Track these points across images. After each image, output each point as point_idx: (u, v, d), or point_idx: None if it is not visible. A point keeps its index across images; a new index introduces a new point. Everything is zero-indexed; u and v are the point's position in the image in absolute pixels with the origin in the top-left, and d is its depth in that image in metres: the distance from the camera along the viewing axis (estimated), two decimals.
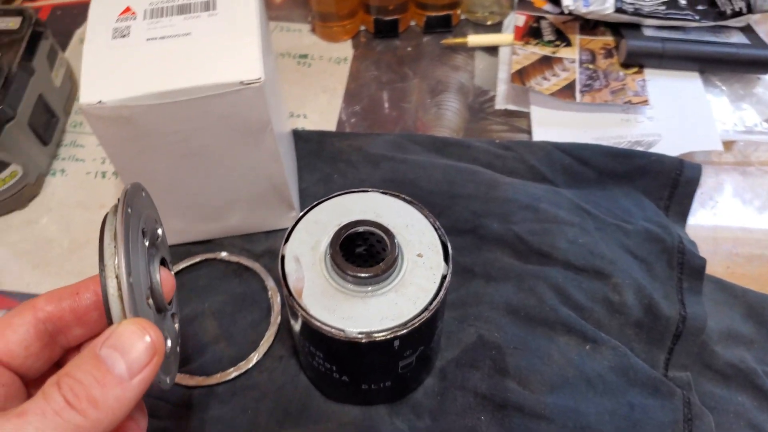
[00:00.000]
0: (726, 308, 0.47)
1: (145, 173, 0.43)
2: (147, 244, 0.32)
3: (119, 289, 0.27)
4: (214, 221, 0.49)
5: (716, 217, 0.53)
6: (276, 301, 0.48)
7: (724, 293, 0.48)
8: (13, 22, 0.55)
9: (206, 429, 0.42)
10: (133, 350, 0.26)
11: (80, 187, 0.57)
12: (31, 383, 0.31)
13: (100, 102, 0.37)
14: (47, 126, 0.57)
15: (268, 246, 0.50)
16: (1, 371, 0.29)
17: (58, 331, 0.31)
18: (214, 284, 0.49)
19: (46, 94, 0.57)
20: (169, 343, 0.31)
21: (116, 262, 0.27)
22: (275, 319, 0.47)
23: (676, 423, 0.41)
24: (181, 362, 0.45)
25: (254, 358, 0.45)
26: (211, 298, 0.48)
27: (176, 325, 0.35)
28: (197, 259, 0.50)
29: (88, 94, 0.38)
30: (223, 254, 0.50)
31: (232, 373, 0.44)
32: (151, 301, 0.31)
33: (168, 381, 0.30)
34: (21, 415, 0.24)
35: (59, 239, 0.53)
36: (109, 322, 0.28)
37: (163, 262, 0.34)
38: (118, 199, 0.30)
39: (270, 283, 0.49)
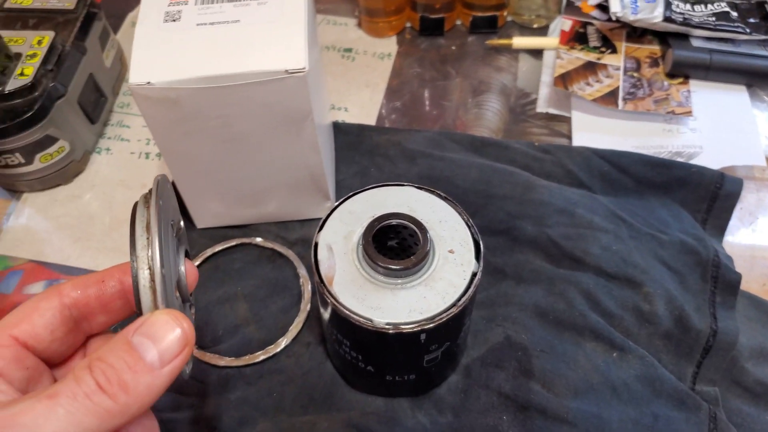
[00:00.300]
0: (759, 325, 0.46)
1: (187, 155, 0.44)
2: (174, 236, 0.32)
3: (152, 280, 0.28)
4: (252, 207, 0.50)
5: (755, 234, 0.52)
6: (307, 288, 0.48)
7: (759, 310, 0.47)
8: (69, 2, 0.57)
9: (232, 409, 0.43)
10: (165, 340, 0.27)
11: (124, 167, 0.58)
12: (53, 367, 0.32)
13: (148, 83, 0.38)
14: (96, 105, 0.59)
15: (302, 234, 0.51)
16: (25, 354, 0.30)
17: (82, 317, 0.32)
18: (248, 268, 0.50)
19: (97, 73, 0.58)
20: None
21: (149, 253, 0.28)
22: (305, 306, 0.48)
23: None
24: (212, 342, 0.46)
25: (282, 342, 0.46)
26: (244, 282, 0.49)
27: (193, 316, 0.36)
28: (233, 242, 0.51)
29: (137, 74, 0.39)
30: (258, 240, 0.51)
31: (260, 356, 0.45)
32: (177, 292, 0.31)
33: (187, 371, 0.31)
34: (52, 397, 0.25)
35: (101, 215, 0.55)
36: (139, 312, 0.28)
37: (185, 255, 0.35)
38: (149, 190, 0.30)
39: (302, 271, 0.49)
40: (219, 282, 0.49)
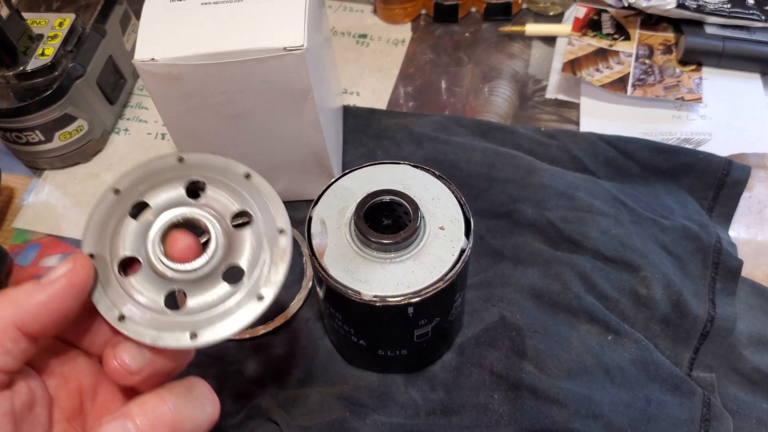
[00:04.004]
0: (760, 313, 0.46)
1: (193, 132, 0.45)
2: (137, 219, 0.33)
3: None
4: None
5: (763, 223, 0.51)
6: (309, 267, 0.49)
7: (760, 298, 0.47)
8: None
9: (230, 380, 0.45)
10: (56, 268, 0.29)
11: (140, 147, 0.60)
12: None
13: (152, 59, 0.40)
14: (115, 86, 0.60)
15: (307, 214, 0.52)
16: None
17: None
18: None
19: (116, 56, 0.60)
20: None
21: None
22: (306, 284, 0.49)
23: (692, 422, 0.41)
24: None
25: (283, 318, 0.47)
26: None
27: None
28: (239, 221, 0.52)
29: (142, 50, 0.40)
30: None
31: (261, 330, 0.46)
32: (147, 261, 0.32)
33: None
34: None
35: None
36: None
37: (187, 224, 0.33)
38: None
39: (306, 250, 0.50)
40: None
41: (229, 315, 0.32)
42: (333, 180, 0.41)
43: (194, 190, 0.33)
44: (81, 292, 0.30)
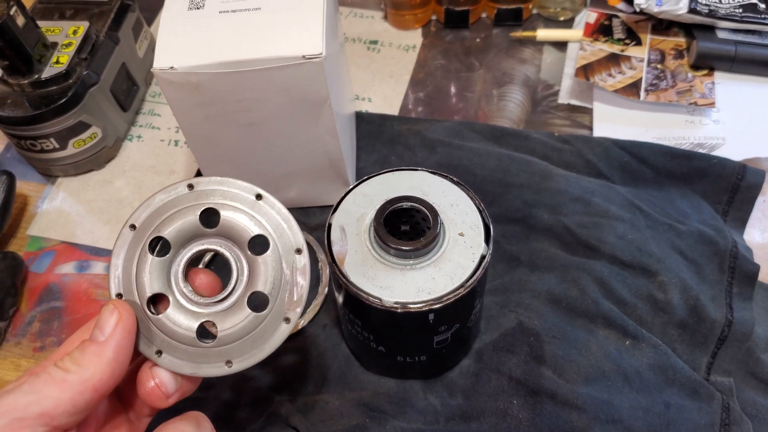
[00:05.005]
0: None
1: (210, 139, 0.45)
2: (154, 255, 0.33)
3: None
4: (274, 192, 0.51)
5: None
6: (325, 272, 0.49)
7: None
8: None
9: (248, 387, 0.45)
10: (104, 321, 0.31)
11: (153, 153, 0.60)
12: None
13: (171, 68, 0.40)
14: (128, 93, 0.61)
15: (322, 220, 0.52)
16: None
17: None
18: None
19: (129, 63, 0.60)
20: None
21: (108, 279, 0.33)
22: (323, 289, 0.49)
23: (712, 426, 0.41)
24: None
25: (300, 324, 0.47)
26: None
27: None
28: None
29: (161, 59, 0.40)
30: None
31: None
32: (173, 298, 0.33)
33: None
34: (20, 383, 0.29)
35: (130, 200, 0.57)
36: None
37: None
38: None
39: (321, 256, 0.50)
40: None
41: (259, 340, 0.32)
42: (351, 187, 0.41)
43: (209, 218, 0.33)
44: (133, 335, 0.31)
